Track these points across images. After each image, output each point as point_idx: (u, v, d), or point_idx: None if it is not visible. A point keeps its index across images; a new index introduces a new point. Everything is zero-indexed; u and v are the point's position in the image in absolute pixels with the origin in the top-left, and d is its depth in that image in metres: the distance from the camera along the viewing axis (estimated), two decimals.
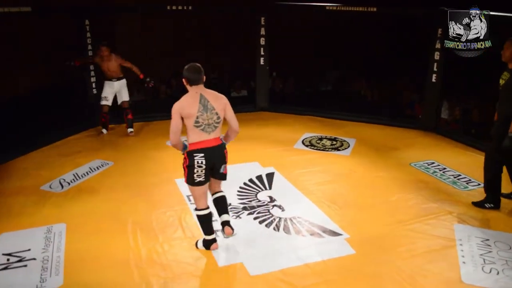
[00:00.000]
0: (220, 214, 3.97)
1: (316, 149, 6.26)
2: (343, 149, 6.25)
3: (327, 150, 6.22)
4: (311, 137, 6.75)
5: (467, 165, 5.70)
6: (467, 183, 5.19)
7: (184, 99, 3.58)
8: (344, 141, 6.54)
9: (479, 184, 5.13)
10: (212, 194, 3.96)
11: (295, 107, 8.15)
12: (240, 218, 4.41)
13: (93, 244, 3.96)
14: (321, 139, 6.63)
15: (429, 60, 6.83)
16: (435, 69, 6.78)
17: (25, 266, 3.64)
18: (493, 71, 7.31)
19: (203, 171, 3.62)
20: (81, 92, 7.52)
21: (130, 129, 6.88)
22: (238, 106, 8.10)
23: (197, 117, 3.53)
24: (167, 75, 8.97)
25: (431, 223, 4.32)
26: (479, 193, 4.91)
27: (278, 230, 4.19)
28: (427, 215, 4.46)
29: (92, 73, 7.10)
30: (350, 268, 3.65)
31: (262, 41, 7.83)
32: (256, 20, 7.73)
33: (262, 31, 7.79)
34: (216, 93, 3.69)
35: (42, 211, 4.53)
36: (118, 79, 6.74)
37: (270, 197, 4.83)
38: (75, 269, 3.61)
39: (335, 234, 4.12)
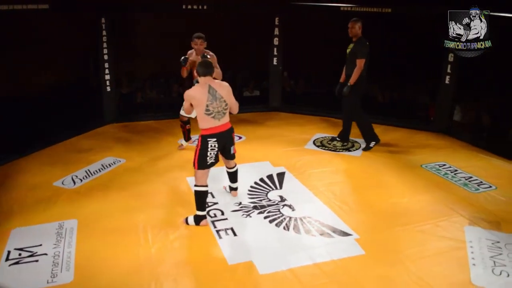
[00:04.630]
0: (231, 182, 4.79)
1: (327, 150, 6.25)
2: (354, 150, 6.24)
3: (338, 151, 6.21)
4: (322, 137, 6.74)
5: (478, 167, 5.66)
6: (478, 185, 5.15)
7: (195, 89, 4.09)
8: (355, 142, 6.52)
9: (490, 187, 5.10)
10: (228, 168, 4.67)
11: (307, 107, 8.15)
12: (251, 217, 4.43)
13: (104, 240, 4.01)
14: (332, 139, 6.62)
15: (442, 61, 6.77)
16: (448, 70, 6.73)
17: (37, 261, 3.69)
18: (504, 75, 7.25)
19: (215, 153, 4.14)
20: (96, 89, 7.58)
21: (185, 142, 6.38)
22: (251, 105, 8.16)
23: (207, 105, 4.00)
24: (180, 74, 8.99)
25: (441, 224, 4.30)
26: (491, 196, 4.89)
27: (288, 229, 4.20)
28: (438, 217, 4.44)
29: (107, 71, 7.14)
30: (360, 269, 3.64)
31: (276, 41, 7.85)
32: (270, 20, 7.74)
33: (276, 31, 7.80)
34: (220, 81, 4.24)
35: (54, 207, 4.59)
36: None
37: (281, 197, 4.84)
38: (86, 265, 3.65)
39: (345, 234, 4.12)
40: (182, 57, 5.61)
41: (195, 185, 4.19)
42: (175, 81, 8.81)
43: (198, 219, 4.22)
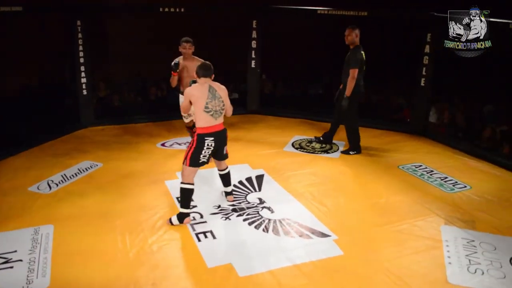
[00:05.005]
0: (225, 186, 4.75)
1: (306, 152, 6.29)
2: (332, 152, 6.29)
3: (317, 153, 6.25)
4: (301, 139, 6.78)
5: (453, 167, 5.78)
6: (453, 185, 5.25)
7: (194, 87, 4.18)
8: (334, 143, 6.58)
9: (465, 186, 5.21)
10: (219, 170, 4.65)
11: (285, 110, 8.19)
12: (230, 219, 4.42)
13: (81, 245, 3.94)
14: (310, 141, 6.67)
15: (418, 64, 6.89)
16: (423, 73, 6.85)
17: (11, 267, 3.61)
18: (481, 76, 7.42)
19: (209, 153, 4.20)
20: (72, 92, 7.47)
21: None
22: None
23: (207, 103, 4.07)
24: (158, 77, 8.95)
25: (418, 224, 4.36)
26: (466, 196, 4.99)
27: (267, 231, 4.21)
28: (415, 216, 4.51)
29: (83, 74, 7.04)
30: (338, 269, 3.67)
31: (254, 44, 7.87)
32: (248, 23, 7.76)
33: (254, 34, 7.82)
34: (219, 84, 4.29)
35: (30, 212, 4.50)
36: None
37: (260, 199, 4.85)
38: (63, 271, 3.59)
39: (323, 235, 4.14)
40: (173, 62, 5.43)
41: (182, 182, 4.21)
42: (152, 84, 8.75)
43: (181, 217, 4.24)
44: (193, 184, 4.23)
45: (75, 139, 6.73)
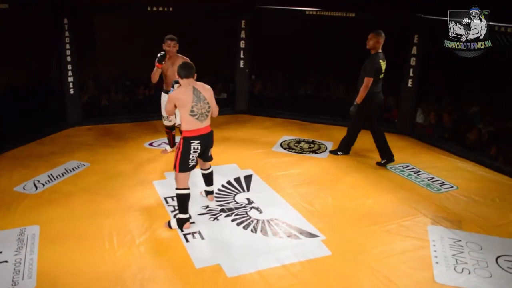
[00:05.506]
0: (206, 185, 4.74)
1: (294, 152, 6.30)
2: (320, 152, 6.31)
3: (305, 153, 6.26)
4: (289, 140, 6.79)
5: (440, 168, 5.83)
6: (440, 186, 5.30)
7: (179, 90, 4.03)
8: (322, 144, 6.60)
9: (452, 187, 5.26)
10: (203, 169, 4.61)
11: (274, 110, 8.20)
12: (218, 220, 4.41)
13: (68, 246, 3.90)
14: (299, 142, 6.68)
15: (405, 65, 6.94)
16: (411, 74, 6.90)
17: None
18: (468, 77, 7.50)
19: (196, 156, 4.12)
20: (58, 91, 7.39)
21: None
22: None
23: (192, 107, 3.96)
24: (146, 76, 8.90)
25: (405, 224, 4.39)
26: (453, 196, 5.04)
27: (256, 232, 4.20)
28: (402, 216, 4.54)
29: (70, 73, 6.97)
30: (327, 269, 3.68)
31: (242, 44, 7.86)
32: (236, 23, 7.76)
33: (243, 34, 7.82)
34: (203, 84, 4.16)
35: (15, 213, 4.44)
36: None
37: (248, 199, 4.84)
38: (49, 272, 3.55)
39: (312, 235, 4.15)
40: (159, 54, 5.26)
41: (177, 188, 4.12)
42: (140, 84, 8.70)
43: (181, 223, 4.17)
44: (188, 188, 4.15)
45: (62, 138, 6.66)
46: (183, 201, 4.15)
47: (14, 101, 7.22)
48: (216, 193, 4.93)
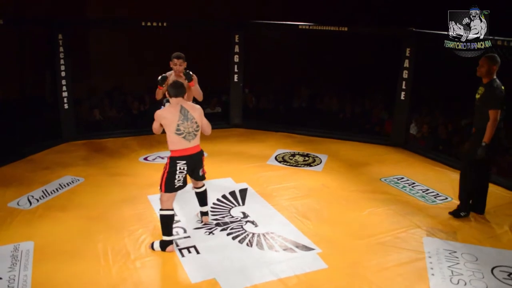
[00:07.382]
0: (201, 205, 4.57)
1: (289, 165, 6.31)
2: (315, 165, 6.32)
3: (300, 166, 6.28)
4: (284, 153, 6.81)
5: (435, 180, 5.86)
6: (435, 197, 5.32)
7: (166, 109, 4.03)
8: (317, 157, 6.62)
9: (446, 198, 5.28)
10: (195, 188, 4.49)
11: (268, 123, 8.23)
12: (213, 234, 4.39)
13: (62, 262, 3.87)
14: (293, 155, 6.70)
15: (398, 78, 7.01)
16: (403, 87, 6.96)
17: None
18: (460, 89, 7.55)
19: (184, 177, 4.02)
20: (53, 106, 7.39)
21: None
22: (212, 122, 8.04)
23: (178, 125, 3.91)
24: (141, 91, 8.93)
25: (401, 236, 4.40)
26: (447, 207, 5.05)
27: (251, 245, 4.19)
28: (397, 228, 4.55)
29: (64, 88, 6.98)
30: (323, 282, 3.67)
31: (236, 58, 7.92)
32: (230, 37, 7.82)
33: (236, 49, 7.88)
34: (193, 104, 4.18)
35: (9, 229, 4.41)
36: None
37: (243, 213, 4.83)
38: None
39: (307, 249, 4.15)
40: (160, 76, 4.96)
41: (161, 209, 4.02)
42: (134, 98, 8.71)
43: (164, 245, 4.05)
44: (172, 209, 4.03)
45: (56, 153, 6.64)
46: (167, 222, 4.03)
47: (8, 116, 7.20)
48: (212, 207, 4.92)
